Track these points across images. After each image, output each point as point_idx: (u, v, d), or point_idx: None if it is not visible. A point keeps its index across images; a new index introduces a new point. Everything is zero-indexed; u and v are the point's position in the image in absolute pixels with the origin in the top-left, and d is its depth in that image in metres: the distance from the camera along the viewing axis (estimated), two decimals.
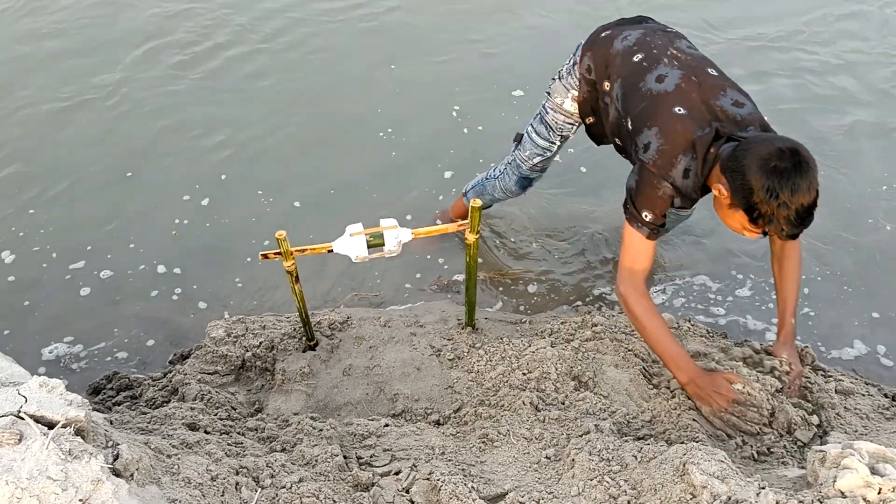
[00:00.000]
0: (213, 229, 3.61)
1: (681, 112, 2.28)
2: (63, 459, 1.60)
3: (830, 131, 4.16)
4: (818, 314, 3.24)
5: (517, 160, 2.95)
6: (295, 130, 4.17)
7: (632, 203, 2.36)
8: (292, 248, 2.38)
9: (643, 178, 2.32)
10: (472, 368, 2.69)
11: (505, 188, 3.07)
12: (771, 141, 2.11)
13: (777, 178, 2.04)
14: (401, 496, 2.05)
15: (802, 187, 2.04)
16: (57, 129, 4.15)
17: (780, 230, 2.11)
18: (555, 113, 2.76)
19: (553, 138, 2.81)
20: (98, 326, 3.19)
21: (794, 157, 2.05)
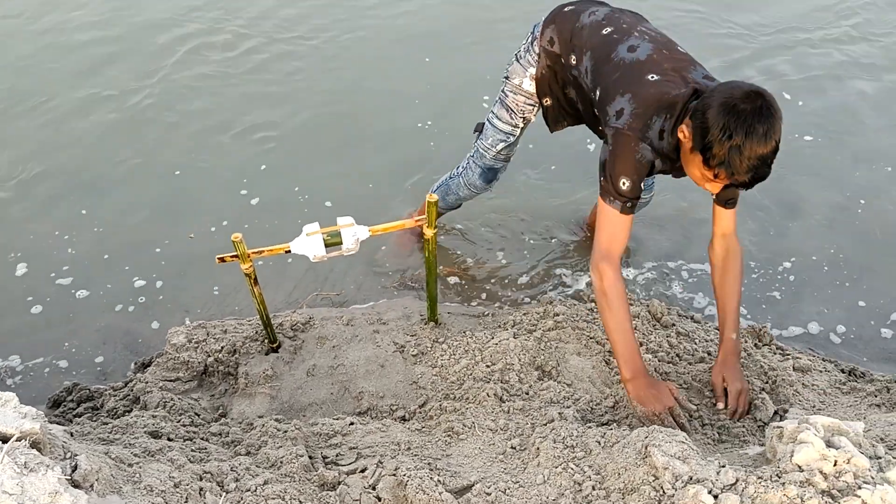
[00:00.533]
0: (173, 235, 3.57)
1: (654, 78, 2.26)
2: (18, 473, 1.57)
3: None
4: (778, 292, 3.30)
5: (479, 149, 2.90)
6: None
7: (607, 174, 2.28)
8: (249, 250, 2.36)
9: (619, 143, 2.25)
10: (436, 363, 2.70)
11: (469, 182, 3.00)
12: (738, 84, 2.08)
13: (734, 118, 1.99)
14: (367, 493, 2.05)
15: (759, 131, 1.98)
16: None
17: (730, 175, 2.05)
18: (514, 95, 2.72)
19: (515, 121, 2.77)
20: (55, 337, 3.13)
21: (758, 100, 2.00)
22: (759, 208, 3.66)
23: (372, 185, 3.82)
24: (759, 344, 2.91)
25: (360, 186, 3.80)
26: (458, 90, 4.39)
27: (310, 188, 3.80)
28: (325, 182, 3.84)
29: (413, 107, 4.30)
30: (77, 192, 3.79)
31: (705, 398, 2.56)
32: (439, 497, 2.00)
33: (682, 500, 1.81)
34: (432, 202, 2.37)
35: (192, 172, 3.90)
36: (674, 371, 2.66)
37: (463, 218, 3.58)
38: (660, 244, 3.54)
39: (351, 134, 4.14)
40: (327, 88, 4.48)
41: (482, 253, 3.47)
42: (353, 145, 4.07)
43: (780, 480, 1.81)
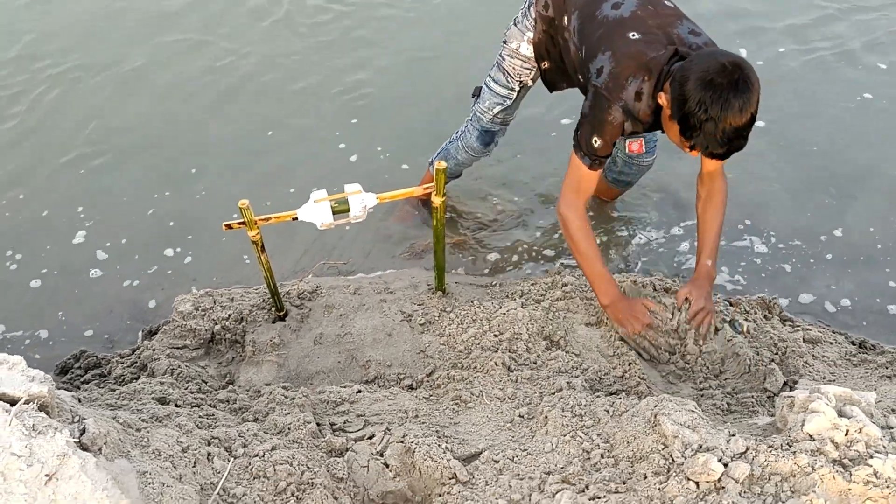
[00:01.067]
0: (179, 202, 3.55)
1: (635, 37, 2.27)
2: (27, 435, 1.57)
3: None
4: (788, 264, 3.27)
5: (477, 113, 2.90)
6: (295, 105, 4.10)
7: (581, 130, 2.37)
8: (256, 216, 2.34)
9: (595, 102, 2.31)
10: (443, 332, 2.69)
11: (467, 146, 3.00)
12: (717, 56, 2.10)
13: (710, 92, 2.02)
14: (375, 460, 2.05)
15: (735, 105, 2.02)
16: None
17: (704, 146, 2.11)
18: (511, 59, 2.72)
19: (512, 84, 2.76)
20: (62, 305, 3.14)
21: (735, 73, 2.03)
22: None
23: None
24: (768, 315, 2.89)
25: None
26: None
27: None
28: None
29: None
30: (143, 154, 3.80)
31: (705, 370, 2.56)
32: (447, 464, 2.00)
33: (691, 468, 1.80)
34: (441, 169, 2.34)
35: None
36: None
37: (471, 187, 3.55)
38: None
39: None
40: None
41: (490, 223, 3.45)
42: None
43: (790, 449, 1.80)
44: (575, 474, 1.95)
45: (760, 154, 3.69)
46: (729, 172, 3.45)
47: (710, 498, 1.74)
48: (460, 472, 1.99)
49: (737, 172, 3.51)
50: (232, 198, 2.67)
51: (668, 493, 1.80)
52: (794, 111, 3.96)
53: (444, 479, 1.99)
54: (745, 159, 3.51)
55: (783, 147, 3.77)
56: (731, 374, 2.56)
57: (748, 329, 2.67)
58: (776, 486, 1.75)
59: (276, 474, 1.91)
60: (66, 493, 1.54)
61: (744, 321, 2.71)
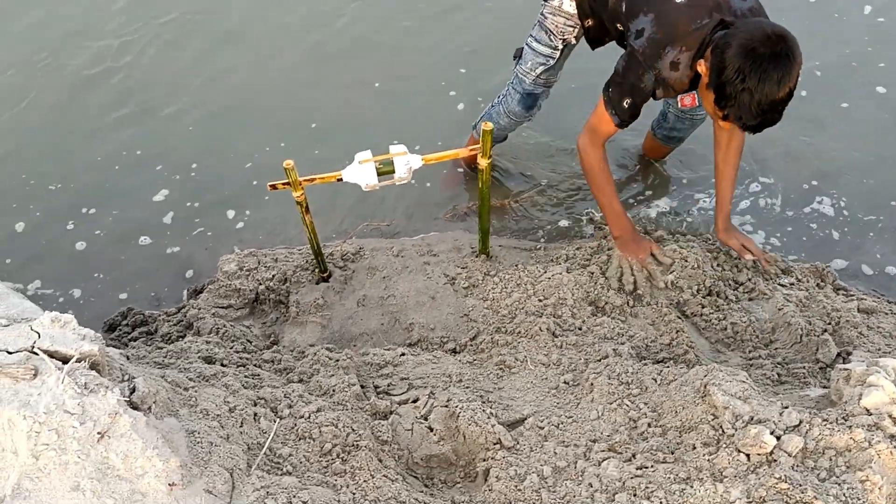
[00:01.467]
0: (225, 163, 3.55)
1: (679, 1, 2.19)
2: (79, 393, 1.59)
3: None
4: (841, 233, 3.17)
5: (519, 74, 2.82)
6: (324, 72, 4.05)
7: (613, 88, 2.36)
8: (301, 177, 2.33)
9: (630, 64, 2.29)
10: (487, 296, 2.66)
11: (509, 110, 2.92)
12: (763, 25, 2.03)
13: (750, 62, 1.98)
14: (419, 423, 2.05)
15: (773, 77, 1.97)
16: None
17: (738, 117, 2.07)
18: (554, 16, 2.63)
19: (555, 43, 2.67)
20: (112, 264, 3.17)
21: (778, 44, 1.97)
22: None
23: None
24: (821, 284, 2.81)
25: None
26: None
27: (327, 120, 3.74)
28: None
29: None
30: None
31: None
32: (492, 429, 1.99)
33: (742, 440, 1.77)
34: (487, 130, 2.29)
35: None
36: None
37: (516, 150, 3.49)
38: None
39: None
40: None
41: (536, 186, 3.39)
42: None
43: (846, 423, 1.76)
44: (621, 443, 1.93)
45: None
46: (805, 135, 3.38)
47: (761, 471, 1.71)
48: (505, 438, 1.98)
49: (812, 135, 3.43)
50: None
51: (717, 464, 1.77)
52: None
53: (488, 444, 1.99)
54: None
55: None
56: (781, 343, 2.50)
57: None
58: (830, 460, 1.72)
59: (321, 436, 1.92)
60: (118, 451, 1.57)
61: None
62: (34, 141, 3.67)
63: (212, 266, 3.04)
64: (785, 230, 3.19)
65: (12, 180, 3.50)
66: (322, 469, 1.85)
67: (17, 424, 1.55)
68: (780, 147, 3.46)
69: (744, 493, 1.67)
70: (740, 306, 2.61)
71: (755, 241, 2.93)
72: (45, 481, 1.53)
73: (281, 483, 1.71)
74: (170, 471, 1.59)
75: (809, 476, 1.68)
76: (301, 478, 1.79)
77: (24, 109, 3.81)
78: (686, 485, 1.75)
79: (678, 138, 3.10)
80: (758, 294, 2.65)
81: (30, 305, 1.90)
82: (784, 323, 2.51)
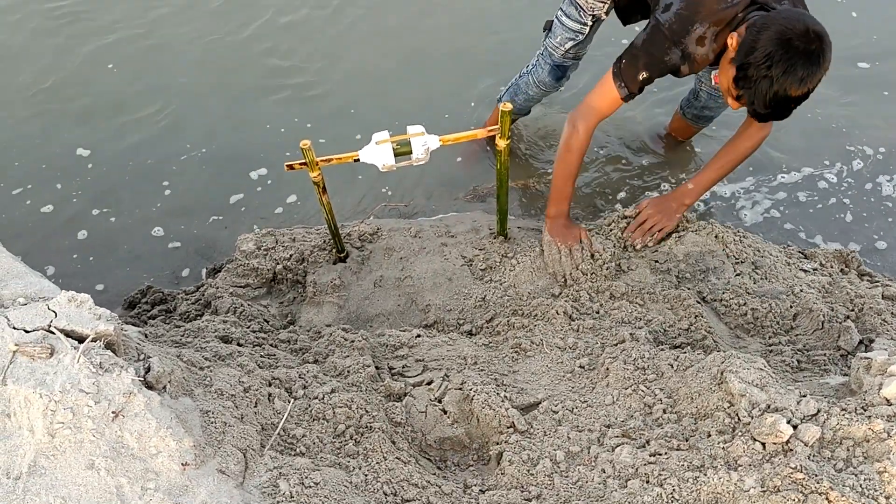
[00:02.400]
0: (243, 142, 3.55)
1: None
2: (94, 372, 1.61)
3: None
4: (866, 218, 3.11)
5: (548, 48, 2.83)
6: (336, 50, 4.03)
7: (630, 60, 2.30)
8: (318, 157, 2.32)
9: (654, 38, 2.24)
10: (504, 278, 2.65)
11: (538, 80, 2.94)
12: (804, 20, 2.00)
13: (783, 51, 1.96)
14: (433, 406, 2.05)
15: (798, 74, 1.96)
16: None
17: (750, 101, 2.06)
18: None
19: (584, 18, 2.67)
20: (131, 242, 3.20)
21: (814, 43, 1.95)
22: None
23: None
24: (845, 269, 2.76)
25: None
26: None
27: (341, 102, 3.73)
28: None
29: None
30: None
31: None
32: (505, 413, 1.99)
33: (758, 428, 1.74)
34: (506, 111, 2.26)
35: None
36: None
37: (536, 130, 3.45)
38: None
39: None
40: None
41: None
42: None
43: (865, 413, 1.73)
44: (636, 429, 1.92)
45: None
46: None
47: (776, 460, 1.69)
48: (518, 422, 1.98)
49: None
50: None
51: (732, 452, 1.75)
52: None
53: (501, 427, 1.98)
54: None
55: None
56: (802, 329, 2.46)
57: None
58: (848, 450, 1.69)
59: (335, 417, 1.92)
60: (132, 430, 1.58)
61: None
62: (55, 121, 3.70)
63: (230, 245, 3.05)
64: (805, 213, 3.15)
65: (29, 155, 3.53)
66: (335, 450, 1.86)
67: (34, 402, 1.57)
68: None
69: (758, 482, 1.65)
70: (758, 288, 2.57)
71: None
72: (60, 459, 1.55)
73: (294, 464, 1.72)
74: (183, 450, 1.60)
75: (826, 466, 1.66)
76: (314, 458, 1.80)
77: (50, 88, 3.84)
78: (700, 472, 1.73)
79: (708, 117, 3.07)
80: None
81: (48, 284, 1.92)
82: (805, 309, 2.47)
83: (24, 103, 3.73)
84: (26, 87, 3.80)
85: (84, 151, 3.53)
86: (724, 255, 2.67)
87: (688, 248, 2.66)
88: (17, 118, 3.66)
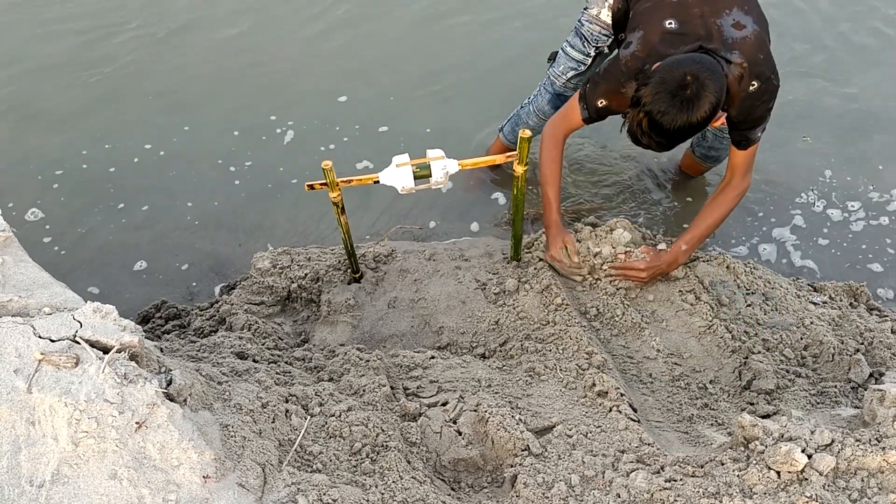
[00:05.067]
0: (260, 162, 3.59)
1: (670, 26, 2.26)
2: (119, 383, 1.62)
3: None
4: (877, 250, 3.15)
5: (551, 77, 2.92)
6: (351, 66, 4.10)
7: (591, 86, 2.44)
8: (338, 178, 2.35)
9: (613, 69, 2.36)
10: (517, 303, 2.67)
11: (538, 109, 3.01)
12: (683, 65, 2.10)
13: (654, 90, 2.08)
14: (448, 427, 2.06)
15: (670, 117, 2.08)
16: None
17: (632, 137, 2.19)
18: (590, 24, 2.72)
19: (588, 50, 2.76)
20: (145, 256, 3.22)
21: (689, 86, 2.06)
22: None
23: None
24: (854, 303, 2.78)
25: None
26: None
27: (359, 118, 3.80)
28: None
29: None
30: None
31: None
32: (520, 435, 2.00)
33: (773, 456, 1.75)
34: (525, 137, 2.30)
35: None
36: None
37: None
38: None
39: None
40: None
41: (567, 195, 3.39)
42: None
43: (879, 445, 1.74)
44: (650, 455, 1.93)
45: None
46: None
47: (791, 489, 1.70)
48: (533, 445, 1.99)
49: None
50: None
51: (747, 480, 1.76)
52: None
53: (516, 450, 1.99)
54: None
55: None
56: (812, 361, 2.48)
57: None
58: (862, 481, 1.70)
59: (351, 434, 1.93)
60: (155, 441, 1.59)
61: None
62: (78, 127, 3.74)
63: (245, 263, 3.08)
64: (813, 244, 3.18)
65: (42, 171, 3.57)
66: (351, 468, 1.87)
67: (59, 411, 1.58)
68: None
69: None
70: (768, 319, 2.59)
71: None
72: (83, 468, 1.57)
73: (311, 480, 1.73)
74: (204, 463, 1.61)
75: (840, 496, 1.67)
76: (331, 475, 1.81)
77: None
78: (715, 499, 1.74)
79: (715, 157, 3.11)
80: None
81: (72, 295, 1.94)
82: (816, 341, 2.49)
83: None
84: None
85: (106, 165, 3.58)
86: (736, 285, 2.69)
87: (699, 278, 2.69)
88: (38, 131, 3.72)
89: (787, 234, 3.25)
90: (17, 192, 3.44)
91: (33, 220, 3.34)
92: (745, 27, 2.25)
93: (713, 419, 2.26)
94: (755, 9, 2.32)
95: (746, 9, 2.29)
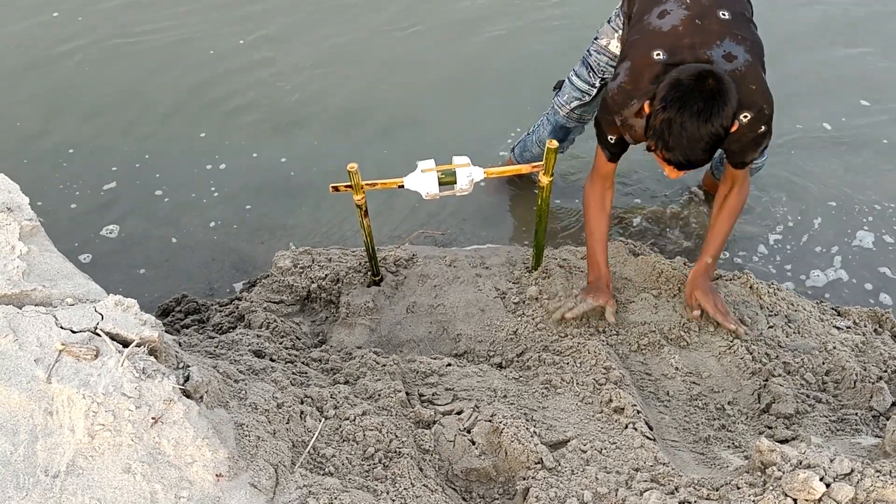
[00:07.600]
0: (285, 161, 3.61)
1: (658, 57, 2.20)
2: (137, 377, 1.63)
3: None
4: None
5: (555, 105, 2.91)
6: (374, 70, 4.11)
7: (598, 125, 2.43)
8: (363, 181, 2.35)
9: (603, 106, 2.36)
10: (536, 313, 2.65)
11: (539, 139, 3.02)
12: (699, 66, 2.05)
13: (675, 91, 2.01)
14: (462, 436, 2.05)
15: (693, 107, 1.99)
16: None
17: (659, 147, 2.07)
18: (598, 55, 2.70)
19: (594, 80, 2.74)
20: (168, 251, 3.24)
21: (708, 79, 1.99)
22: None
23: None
24: (879, 330, 2.74)
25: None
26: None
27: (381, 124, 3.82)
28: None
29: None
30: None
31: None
32: (534, 448, 1.99)
33: (790, 483, 1.73)
34: (552, 148, 2.29)
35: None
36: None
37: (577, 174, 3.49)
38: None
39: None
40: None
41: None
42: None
43: None
44: (665, 475, 1.91)
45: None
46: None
47: None
48: (546, 458, 1.97)
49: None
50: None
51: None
52: None
53: (529, 462, 1.98)
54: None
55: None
56: (834, 388, 2.44)
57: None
58: None
59: (365, 439, 1.93)
60: (170, 437, 1.60)
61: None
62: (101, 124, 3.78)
63: (266, 261, 3.09)
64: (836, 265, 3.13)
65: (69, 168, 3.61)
66: (364, 473, 1.86)
67: (76, 403, 1.59)
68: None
69: None
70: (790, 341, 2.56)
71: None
72: (98, 461, 1.57)
73: (323, 483, 1.73)
74: (218, 461, 1.62)
75: None
76: (343, 479, 1.80)
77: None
78: None
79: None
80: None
81: (94, 287, 1.95)
82: (838, 367, 2.45)
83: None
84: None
85: (123, 154, 3.63)
86: (758, 306, 2.66)
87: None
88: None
89: (812, 255, 3.21)
90: (47, 182, 3.49)
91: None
92: (736, 58, 2.18)
93: (730, 441, 2.23)
94: (749, 36, 2.25)
95: (739, 38, 2.21)
